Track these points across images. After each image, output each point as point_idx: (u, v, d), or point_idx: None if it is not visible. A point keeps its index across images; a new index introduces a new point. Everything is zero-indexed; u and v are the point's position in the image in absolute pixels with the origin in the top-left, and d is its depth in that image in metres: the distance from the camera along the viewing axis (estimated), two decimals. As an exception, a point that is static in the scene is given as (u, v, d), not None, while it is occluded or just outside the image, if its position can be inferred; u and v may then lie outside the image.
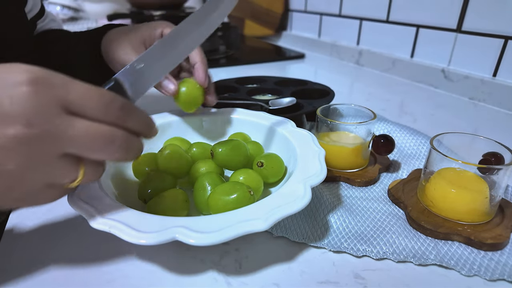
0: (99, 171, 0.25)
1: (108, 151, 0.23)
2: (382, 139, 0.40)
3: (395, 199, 0.36)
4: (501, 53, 0.64)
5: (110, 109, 0.22)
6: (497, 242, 0.29)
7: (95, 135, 0.22)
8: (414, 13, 0.79)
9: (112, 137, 0.22)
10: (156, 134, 0.28)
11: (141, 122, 0.25)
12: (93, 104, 0.22)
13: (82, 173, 0.23)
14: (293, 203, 0.27)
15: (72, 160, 0.22)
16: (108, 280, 0.26)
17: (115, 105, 0.23)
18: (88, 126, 0.22)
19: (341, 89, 0.75)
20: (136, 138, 0.25)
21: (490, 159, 0.32)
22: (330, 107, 0.44)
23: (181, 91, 0.41)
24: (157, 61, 0.30)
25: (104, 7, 1.79)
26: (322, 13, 1.09)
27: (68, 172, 0.22)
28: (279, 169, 0.37)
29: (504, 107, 0.64)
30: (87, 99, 0.22)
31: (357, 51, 0.96)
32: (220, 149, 0.36)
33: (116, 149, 0.23)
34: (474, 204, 0.31)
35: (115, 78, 0.28)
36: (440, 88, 0.75)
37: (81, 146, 0.22)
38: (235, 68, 0.93)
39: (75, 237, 0.31)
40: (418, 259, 0.28)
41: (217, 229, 0.24)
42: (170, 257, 0.29)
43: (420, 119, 0.59)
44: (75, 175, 0.23)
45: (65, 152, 0.21)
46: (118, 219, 0.25)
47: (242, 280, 0.27)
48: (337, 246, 0.30)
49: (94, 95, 0.22)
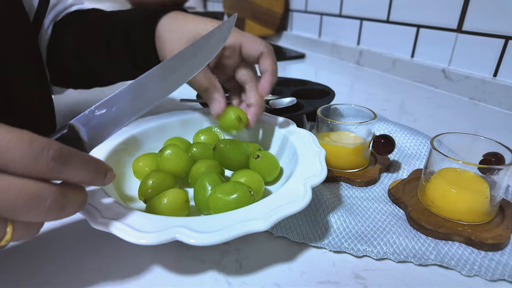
0: (33, 229, 0.21)
1: (37, 213, 0.19)
2: (382, 139, 0.40)
3: (396, 199, 0.36)
4: (502, 53, 0.64)
5: (40, 160, 0.19)
6: (497, 242, 0.29)
7: (18, 195, 0.18)
8: (415, 13, 0.79)
9: (40, 196, 0.19)
10: (111, 181, 0.24)
11: (84, 170, 0.21)
12: (17, 155, 0.18)
13: (10, 232, 0.20)
14: (293, 203, 0.27)
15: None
16: (108, 280, 0.26)
17: (47, 155, 0.19)
18: (10, 185, 0.18)
19: (342, 89, 0.75)
20: (76, 192, 0.22)
21: (490, 159, 0.32)
22: (331, 107, 0.44)
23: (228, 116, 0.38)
24: (121, 107, 0.27)
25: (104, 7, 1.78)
26: (322, 13, 1.09)
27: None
28: (274, 164, 0.37)
29: (504, 107, 0.64)
30: (10, 149, 0.18)
31: (357, 51, 0.96)
32: (222, 145, 0.36)
33: (47, 209, 0.19)
34: (475, 204, 0.31)
35: (70, 124, 0.25)
36: (440, 88, 0.75)
37: (2, 208, 0.18)
38: (235, 68, 0.93)
39: (75, 237, 0.31)
40: (419, 259, 0.28)
41: (217, 229, 0.25)
42: (171, 257, 0.29)
43: (421, 119, 0.59)
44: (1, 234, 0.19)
45: None
46: (118, 219, 0.25)
47: (243, 280, 0.27)
48: (338, 246, 0.30)
49: (19, 144, 0.18)
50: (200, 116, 0.45)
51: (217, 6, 1.84)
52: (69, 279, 0.27)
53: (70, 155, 0.20)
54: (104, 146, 0.36)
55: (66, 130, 0.24)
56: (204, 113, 0.46)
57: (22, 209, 0.19)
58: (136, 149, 0.40)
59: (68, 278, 0.27)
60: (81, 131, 0.25)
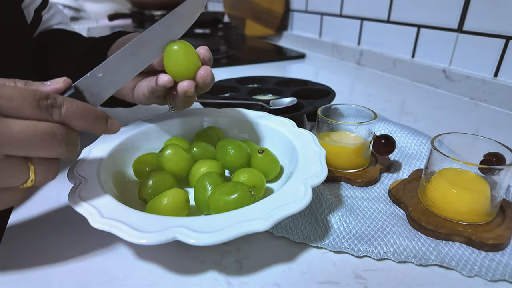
0: (52, 168, 0.25)
1: (51, 147, 0.23)
2: (383, 139, 0.40)
3: (396, 200, 0.36)
4: (502, 53, 0.64)
5: (42, 106, 0.23)
6: (498, 242, 0.29)
7: (34, 131, 0.22)
8: (415, 13, 0.79)
9: (52, 132, 0.23)
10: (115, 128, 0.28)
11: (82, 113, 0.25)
12: (27, 104, 0.22)
13: (33, 172, 0.23)
14: (293, 203, 0.27)
15: (18, 160, 0.23)
16: (108, 280, 0.27)
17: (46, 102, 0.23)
18: (26, 125, 0.22)
19: (342, 89, 0.75)
20: (74, 132, 0.25)
21: (491, 160, 0.32)
22: (331, 107, 0.44)
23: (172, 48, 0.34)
24: (117, 69, 0.31)
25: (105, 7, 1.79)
26: (323, 13, 1.09)
27: (18, 173, 0.23)
28: (275, 162, 0.37)
29: (505, 107, 0.64)
30: (20, 99, 0.22)
31: (358, 51, 0.96)
32: (223, 145, 0.37)
33: (59, 143, 0.23)
34: (475, 204, 0.31)
35: (75, 86, 0.29)
36: (441, 88, 0.75)
37: (22, 145, 0.22)
38: (235, 68, 0.93)
39: (76, 237, 0.31)
40: (419, 259, 0.28)
41: (217, 229, 0.25)
42: (171, 257, 0.29)
43: (421, 119, 0.59)
44: (26, 175, 0.23)
45: (7, 154, 0.22)
46: (118, 219, 0.25)
47: (243, 280, 0.27)
48: (338, 246, 0.30)
49: (25, 96, 0.22)
50: (200, 116, 0.45)
51: (218, 6, 1.84)
52: (69, 279, 0.27)
53: (66, 101, 0.24)
54: (105, 146, 0.36)
55: (73, 90, 0.28)
56: (204, 113, 0.46)
57: (39, 144, 0.22)
58: (136, 149, 0.40)
59: (68, 278, 0.27)
60: (84, 91, 0.30)
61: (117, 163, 0.36)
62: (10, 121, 0.22)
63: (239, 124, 0.44)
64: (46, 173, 0.24)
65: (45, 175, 0.24)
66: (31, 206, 0.35)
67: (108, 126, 0.28)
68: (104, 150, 0.36)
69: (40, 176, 0.24)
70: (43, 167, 0.24)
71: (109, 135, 0.38)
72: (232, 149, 0.37)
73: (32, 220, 0.33)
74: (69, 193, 0.29)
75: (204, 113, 0.46)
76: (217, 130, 0.43)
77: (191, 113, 0.45)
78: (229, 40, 1.14)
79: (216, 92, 0.60)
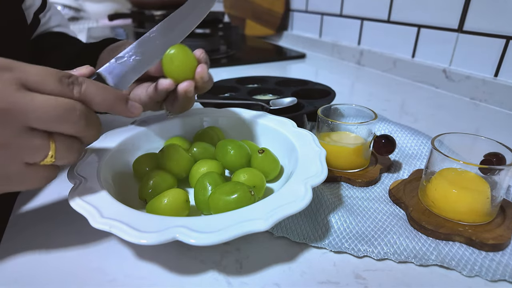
0: (73, 148, 0.26)
1: (72, 120, 0.24)
2: (383, 139, 0.40)
3: (396, 200, 0.36)
4: (503, 53, 0.64)
5: (64, 84, 0.25)
6: (498, 242, 0.29)
7: (55, 105, 0.23)
8: (416, 13, 0.79)
9: (72, 107, 0.24)
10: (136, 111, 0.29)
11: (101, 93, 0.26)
12: (50, 80, 0.24)
13: (54, 148, 0.24)
14: (294, 203, 0.27)
15: (40, 134, 0.24)
16: (109, 280, 0.26)
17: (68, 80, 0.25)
18: (48, 99, 0.23)
19: (342, 89, 0.75)
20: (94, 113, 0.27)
21: (491, 160, 0.32)
22: (331, 107, 0.44)
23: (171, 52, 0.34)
24: (137, 56, 0.33)
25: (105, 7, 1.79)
26: (323, 13, 1.09)
27: (38, 147, 0.24)
28: (275, 162, 0.37)
29: (505, 107, 0.64)
30: (43, 75, 0.24)
31: (358, 51, 0.96)
32: (223, 145, 0.37)
33: (79, 118, 0.25)
34: (475, 204, 0.31)
35: (98, 73, 0.30)
36: (441, 88, 0.75)
37: (43, 117, 0.23)
38: (236, 68, 0.93)
39: (76, 237, 0.31)
40: (419, 259, 0.28)
41: (217, 229, 0.24)
42: (171, 257, 0.29)
43: (421, 119, 0.59)
44: (46, 150, 0.24)
45: (30, 126, 0.23)
46: (119, 219, 0.25)
47: (243, 280, 0.27)
48: (338, 247, 0.30)
49: (49, 73, 0.24)
50: (200, 116, 0.45)
51: (218, 6, 1.84)
52: (69, 278, 0.27)
53: (86, 81, 0.26)
54: (105, 146, 0.36)
55: (95, 77, 0.30)
56: (204, 113, 0.46)
57: (60, 117, 0.24)
58: (136, 149, 0.40)
59: (68, 277, 0.27)
60: (107, 78, 0.31)
61: (117, 163, 0.36)
62: (34, 95, 0.23)
63: (239, 124, 0.44)
64: (67, 152, 0.25)
65: (65, 154, 0.25)
66: (31, 206, 0.35)
67: (129, 107, 0.29)
68: (104, 150, 0.36)
69: (61, 153, 0.25)
70: (63, 145, 0.25)
71: (109, 135, 0.38)
72: (232, 149, 0.37)
73: (32, 220, 0.33)
74: (69, 193, 0.29)
75: (204, 113, 0.46)
76: (217, 130, 0.43)
77: (191, 113, 0.45)
78: (229, 40, 1.14)
79: (216, 92, 0.60)
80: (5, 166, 0.23)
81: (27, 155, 0.24)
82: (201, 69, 0.35)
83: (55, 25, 0.58)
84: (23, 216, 0.34)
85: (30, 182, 0.25)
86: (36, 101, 0.23)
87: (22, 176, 0.25)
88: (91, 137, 0.27)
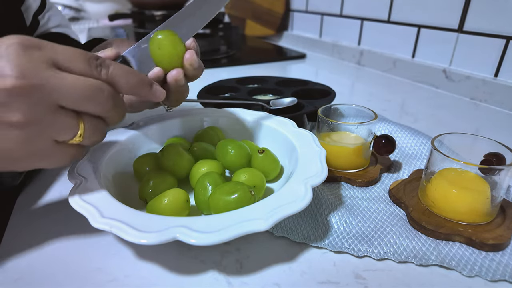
0: (99, 129, 0.27)
1: (99, 100, 0.25)
2: (383, 139, 0.40)
3: (396, 200, 0.36)
4: (503, 53, 0.64)
5: (92, 65, 0.25)
6: (498, 242, 0.29)
7: (84, 84, 0.24)
8: (416, 13, 0.79)
9: (100, 87, 0.25)
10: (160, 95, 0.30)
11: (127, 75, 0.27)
12: (79, 60, 0.25)
13: (82, 127, 0.25)
14: (294, 203, 0.27)
15: (69, 113, 0.24)
16: (109, 280, 0.27)
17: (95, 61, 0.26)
18: (78, 78, 0.24)
19: (342, 89, 0.75)
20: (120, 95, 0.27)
21: (491, 160, 0.32)
22: (331, 107, 0.44)
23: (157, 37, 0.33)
24: None
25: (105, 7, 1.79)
26: (323, 13, 1.09)
27: (68, 125, 0.25)
28: (275, 162, 0.37)
29: (505, 107, 0.64)
30: (73, 56, 0.24)
31: (358, 51, 0.96)
32: (223, 145, 0.37)
33: (106, 99, 0.25)
34: (475, 204, 0.31)
35: (123, 56, 0.32)
36: (441, 88, 0.75)
37: (73, 96, 0.24)
38: (236, 68, 0.93)
39: (76, 237, 0.31)
40: (419, 259, 0.28)
41: (218, 229, 0.25)
42: (171, 257, 0.29)
43: (421, 120, 0.59)
44: (75, 128, 0.25)
45: (60, 104, 0.24)
46: (119, 218, 0.25)
47: (243, 280, 0.27)
48: (338, 246, 0.30)
49: (78, 54, 0.25)
50: (200, 116, 0.45)
51: (218, 6, 1.84)
52: (70, 278, 0.27)
53: (113, 63, 0.27)
54: (105, 146, 0.36)
55: (120, 60, 0.31)
56: (204, 113, 0.46)
57: (88, 97, 0.24)
58: (136, 149, 0.40)
59: (68, 277, 0.27)
60: (131, 61, 0.32)
61: (117, 163, 0.36)
62: (64, 74, 0.24)
63: (239, 124, 0.44)
64: (94, 132, 0.26)
65: (92, 134, 0.26)
66: (32, 206, 0.35)
67: (153, 91, 0.29)
68: (104, 150, 0.36)
69: (88, 133, 0.26)
70: (91, 125, 0.26)
71: (109, 135, 0.38)
72: (233, 149, 0.37)
73: (32, 220, 0.33)
74: (70, 193, 0.29)
75: (204, 113, 0.46)
76: (217, 130, 0.43)
77: (191, 113, 0.45)
78: (229, 40, 1.14)
79: (216, 92, 0.60)
80: (35, 143, 0.24)
81: (57, 133, 0.24)
82: (190, 55, 0.34)
83: (54, 26, 0.58)
84: (24, 216, 0.34)
85: (57, 160, 0.26)
86: (67, 80, 0.23)
87: (50, 153, 0.25)
88: (117, 118, 0.28)
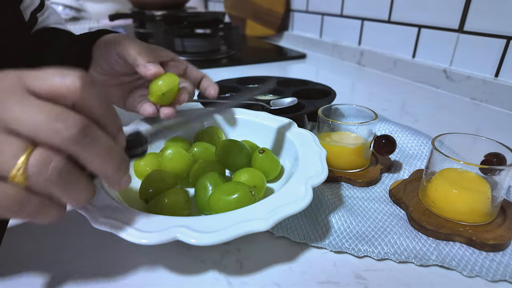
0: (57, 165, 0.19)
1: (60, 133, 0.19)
2: (383, 140, 0.40)
3: (397, 200, 0.36)
4: (503, 53, 0.64)
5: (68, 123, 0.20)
6: (498, 243, 0.29)
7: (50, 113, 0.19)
8: (416, 13, 0.79)
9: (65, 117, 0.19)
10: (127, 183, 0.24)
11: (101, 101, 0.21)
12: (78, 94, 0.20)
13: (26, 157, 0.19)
14: (294, 203, 0.27)
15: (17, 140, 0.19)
16: (109, 280, 0.27)
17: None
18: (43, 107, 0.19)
19: (343, 89, 0.75)
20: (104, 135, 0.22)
21: (492, 160, 0.32)
22: (332, 107, 0.44)
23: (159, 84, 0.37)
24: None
25: (106, 7, 1.79)
26: (323, 13, 1.09)
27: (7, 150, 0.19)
28: (276, 162, 0.37)
29: (506, 107, 0.64)
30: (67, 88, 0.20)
31: (358, 51, 0.96)
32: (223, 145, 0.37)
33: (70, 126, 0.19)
34: (476, 204, 0.31)
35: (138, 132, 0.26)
36: (441, 89, 0.75)
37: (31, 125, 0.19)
38: (236, 68, 0.93)
39: (76, 237, 0.31)
40: (420, 259, 0.28)
41: (218, 229, 0.25)
42: (171, 257, 0.29)
43: (422, 120, 0.59)
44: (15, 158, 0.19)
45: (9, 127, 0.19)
46: (119, 218, 0.25)
47: (243, 280, 0.27)
48: (338, 247, 0.30)
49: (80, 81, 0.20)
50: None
51: (218, 6, 1.84)
52: (70, 279, 0.27)
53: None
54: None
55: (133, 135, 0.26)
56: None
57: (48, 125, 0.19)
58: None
59: (68, 278, 0.27)
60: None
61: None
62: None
63: (240, 124, 0.44)
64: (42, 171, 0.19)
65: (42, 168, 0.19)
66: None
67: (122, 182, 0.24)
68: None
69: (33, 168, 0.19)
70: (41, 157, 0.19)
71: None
72: (233, 149, 0.37)
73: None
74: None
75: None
76: (217, 130, 0.43)
77: (191, 113, 0.45)
78: (229, 40, 1.14)
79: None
80: None
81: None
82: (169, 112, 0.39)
83: (52, 23, 0.58)
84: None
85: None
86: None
87: None
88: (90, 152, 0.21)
